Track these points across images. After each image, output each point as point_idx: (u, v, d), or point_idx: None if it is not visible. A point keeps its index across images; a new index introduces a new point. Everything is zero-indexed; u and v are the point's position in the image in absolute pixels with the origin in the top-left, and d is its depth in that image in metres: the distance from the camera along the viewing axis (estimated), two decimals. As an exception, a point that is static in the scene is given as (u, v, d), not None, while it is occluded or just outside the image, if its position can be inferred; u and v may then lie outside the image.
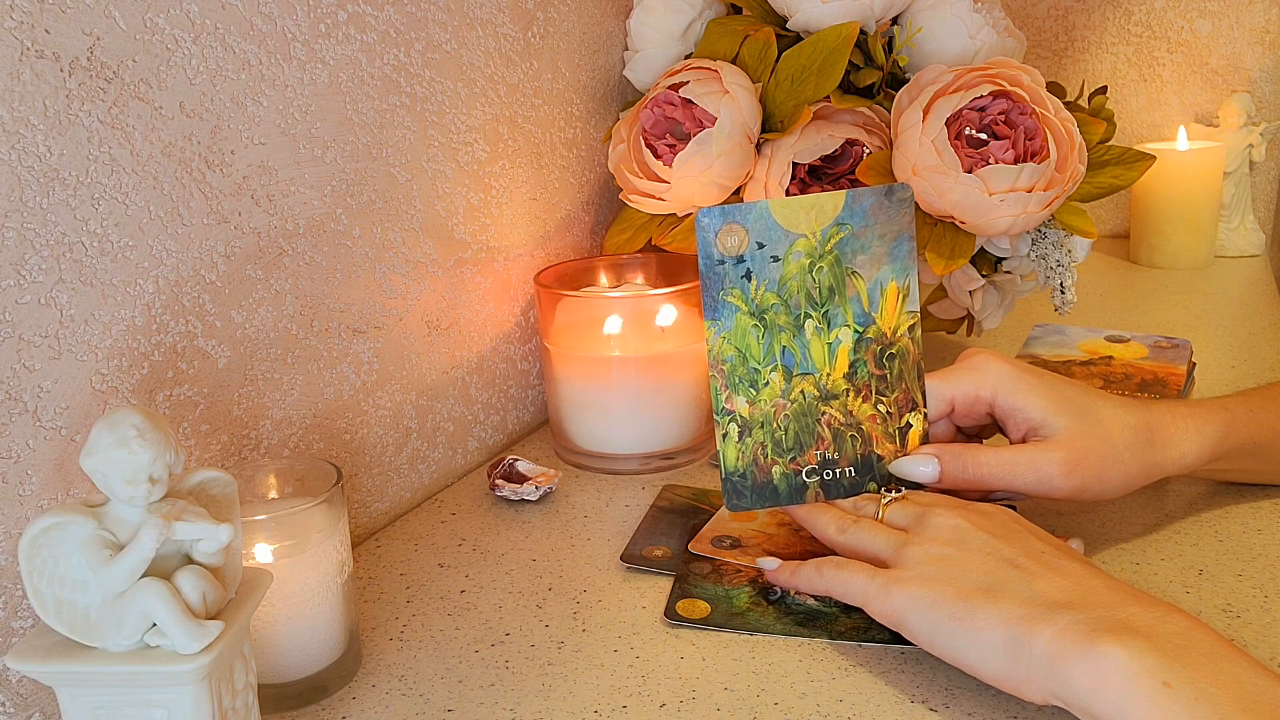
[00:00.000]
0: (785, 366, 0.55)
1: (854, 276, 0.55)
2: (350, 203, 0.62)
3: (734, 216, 0.54)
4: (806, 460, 0.56)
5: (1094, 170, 0.77)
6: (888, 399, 0.56)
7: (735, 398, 0.55)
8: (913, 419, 0.56)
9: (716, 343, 0.55)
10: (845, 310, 0.55)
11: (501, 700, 0.49)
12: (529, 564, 0.61)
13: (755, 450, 0.56)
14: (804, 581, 0.53)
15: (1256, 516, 0.62)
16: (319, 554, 0.48)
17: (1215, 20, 1.26)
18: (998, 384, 0.55)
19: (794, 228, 0.54)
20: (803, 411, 0.55)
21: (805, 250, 0.54)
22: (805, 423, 0.55)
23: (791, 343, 0.55)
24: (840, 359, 0.55)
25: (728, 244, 0.54)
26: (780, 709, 0.47)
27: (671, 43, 0.84)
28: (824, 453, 0.56)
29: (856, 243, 0.55)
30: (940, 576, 0.47)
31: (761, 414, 0.55)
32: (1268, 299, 1.08)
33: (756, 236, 0.54)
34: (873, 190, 0.54)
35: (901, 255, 0.55)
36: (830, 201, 0.54)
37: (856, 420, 0.56)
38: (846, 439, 0.56)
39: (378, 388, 0.66)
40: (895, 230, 0.55)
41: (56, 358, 0.45)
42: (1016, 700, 0.46)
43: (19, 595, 0.44)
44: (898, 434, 0.56)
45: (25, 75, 0.43)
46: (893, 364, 0.56)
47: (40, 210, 0.44)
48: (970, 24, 0.77)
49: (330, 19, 0.59)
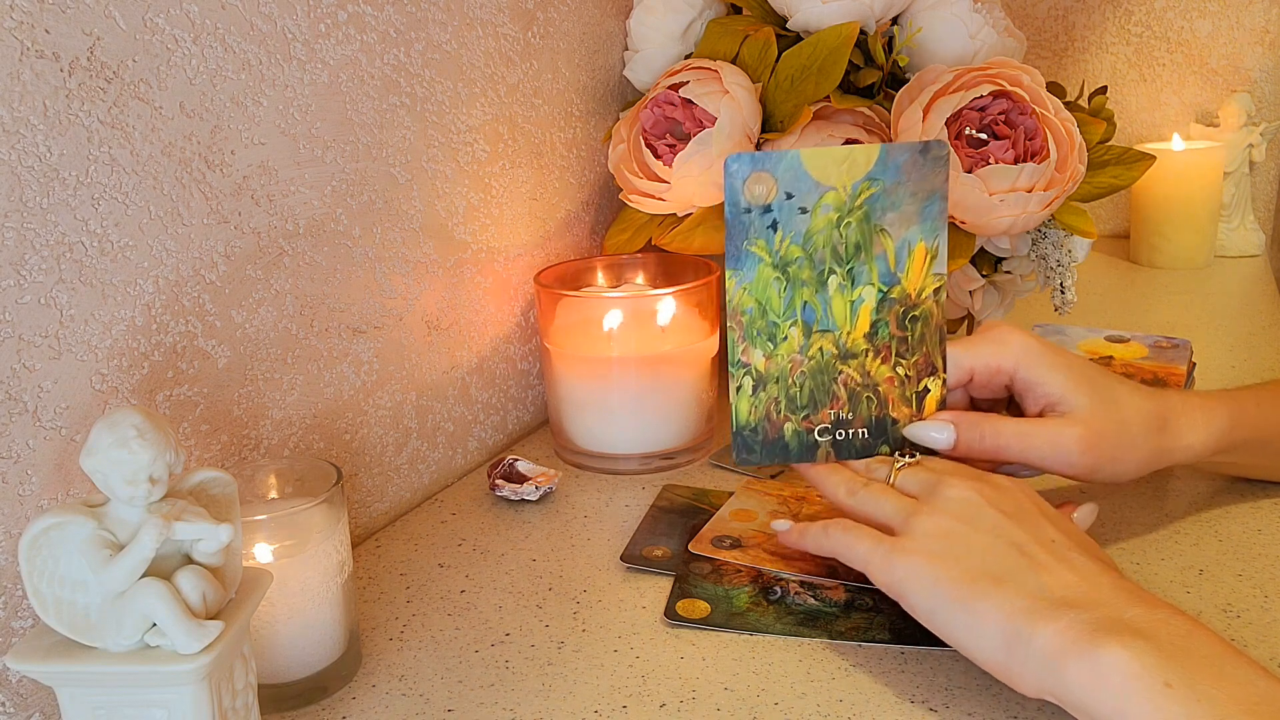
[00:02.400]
0: (805, 322, 0.54)
1: (882, 234, 0.53)
2: (350, 203, 0.62)
3: (763, 164, 0.52)
4: (820, 419, 0.55)
5: (1094, 170, 0.77)
6: (907, 362, 0.55)
7: (752, 350, 0.54)
8: (931, 384, 0.55)
9: (737, 293, 0.54)
10: (871, 268, 0.54)
11: (501, 700, 0.49)
12: (529, 564, 0.61)
13: (769, 405, 0.54)
14: (811, 541, 0.53)
15: (1257, 516, 0.62)
16: (319, 554, 0.48)
17: (1215, 20, 1.26)
18: (1020, 357, 0.55)
19: (825, 179, 0.52)
20: (820, 369, 0.54)
21: (834, 204, 0.53)
22: (821, 380, 0.54)
23: (813, 298, 0.54)
24: (862, 318, 0.54)
25: (755, 192, 0.52)
26: (780, 709, 0.47)
27: (671, 43, 0.84)
28: (838, 412, 0.55)
29: (887, 199, 0.53)
30: (946, 553, 0.46)
31: (777, 369, 0.54)
32: (1268, 299, 1.08)
33: (785, 186, 0.52)
34: (908, 146, 0.52)
35: (932, 215, 0.53)
36: (864, 155, 0.52)
37: (874, 381, 0.54)
38: (862, 400, 0.55)
39: (378, 388, 0.66)
40: (928, 189, 0.53)
41: (56, 358, 0.45)
42: (1017, 700, 0.46)
43: (19, 595, 0.44)
44: (914, 398, 0.55)
45: (25, 75, 0.43)
46: (915, 326, 0.54)
47: (40, 210, 0.44)
48: (970, 24, 0.77)
49: (330, 19, 0.59)
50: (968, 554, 0.46)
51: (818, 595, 0.55)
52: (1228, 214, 1.26)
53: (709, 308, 0.74)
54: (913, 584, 0.47)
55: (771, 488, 0.68)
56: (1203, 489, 0.66)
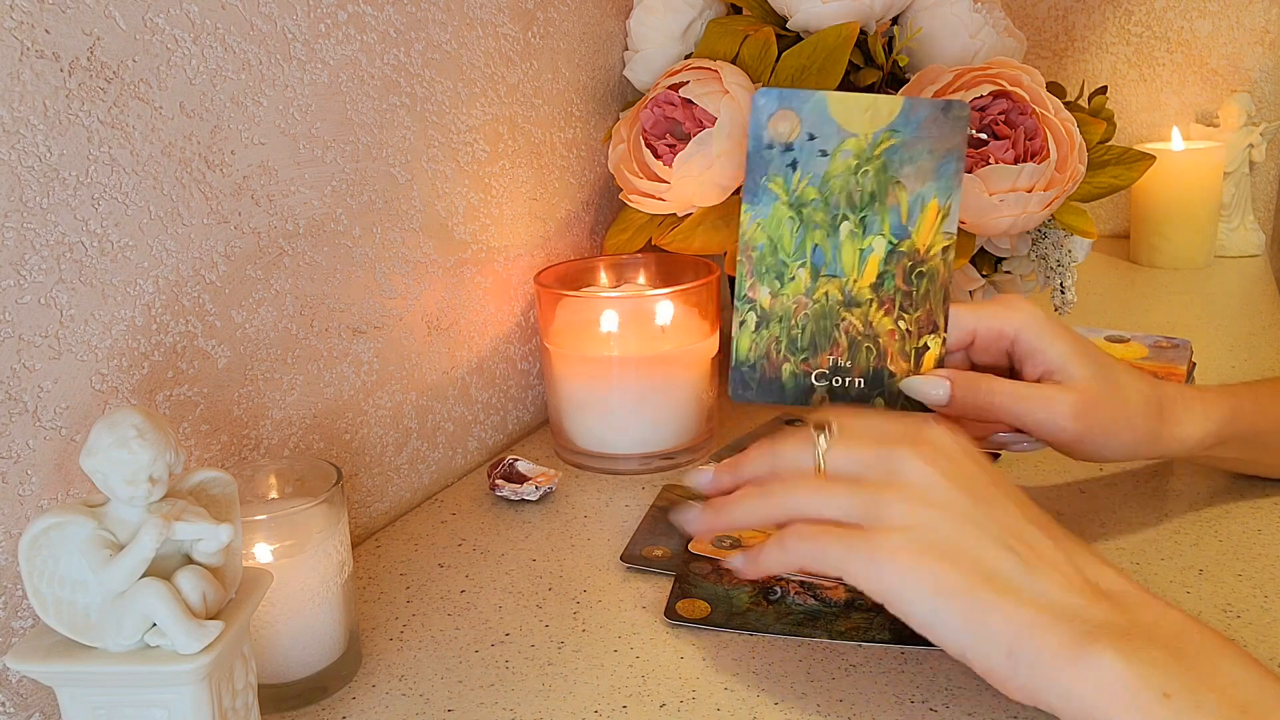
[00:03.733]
0: (814, 264, 0.54)
1: (897, 186, 0.54)
2: (350, 203, 0.62)
3: (790, 102, 0.53)
4: (819, 364, 0.55)
5: (1094, 170, 0.77)
6: (909, 316, 0.55)
7: (759, 286, 0.54)
8: (930, 341, 0.55)
9: (751, 228, 0.54)
10: (883, 219, 0.54)
11: (501, 700, 0.49)
12: (529, 564, 0.61)
13: (769, 344, 0.55)
14: (769, 562, 0.48)
15: (1256, 516, 0.62)
16: (319, 554, 0.48)
17: (1215, 20, 1.26)
18: (1024, 322, 0.54)
19: (848, 125, 0.53)
20: (823, 314, 0.54)
21: (854, 150, 0.53)
22: (823, 325, 0.55)
23: (824, 242, 0.54)
24: (870, 267, 0.54)
25: (779, 129, 0.53)
26: (780, 709, 0.47)
27: (671, 43, 0.84)
28: (837, 359, 0.55)
29: (905, 153, 0.53)
30: (933, 550, 0.44)
31: (782, 308, 0.55)
32: (1268, 299, 1.08)
33: (809, 127, 0.53)
34: (930, 103, 0.53)
35: (948, 174, 0.54)
36: (887, 105, 0.53)
37: (875, 332, 0.55)
38: (862, 349, 0.55)
39: (378, 388, 0.66)
40: (946, 148, 0.53)
41: (56, 358, 0.45)
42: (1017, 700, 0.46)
43: (19, 595, 0.44)
44: (913, 353, 0.55)
45: (25, 75, 0.43)
46: (920, 282, 0.55)
47: (40, 210, 0.44)
48: (970, 24, 0.77)
49: (330, 19, 0.59)
50: (956, 551, 0.44)
51: (818, 595, 0.55)
52: (1228, 214, 1.26)
53: (709, 308, 0.74)
54: (908, 591, 0.44)
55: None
56: (1203, 489, 0.66)
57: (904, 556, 0.44)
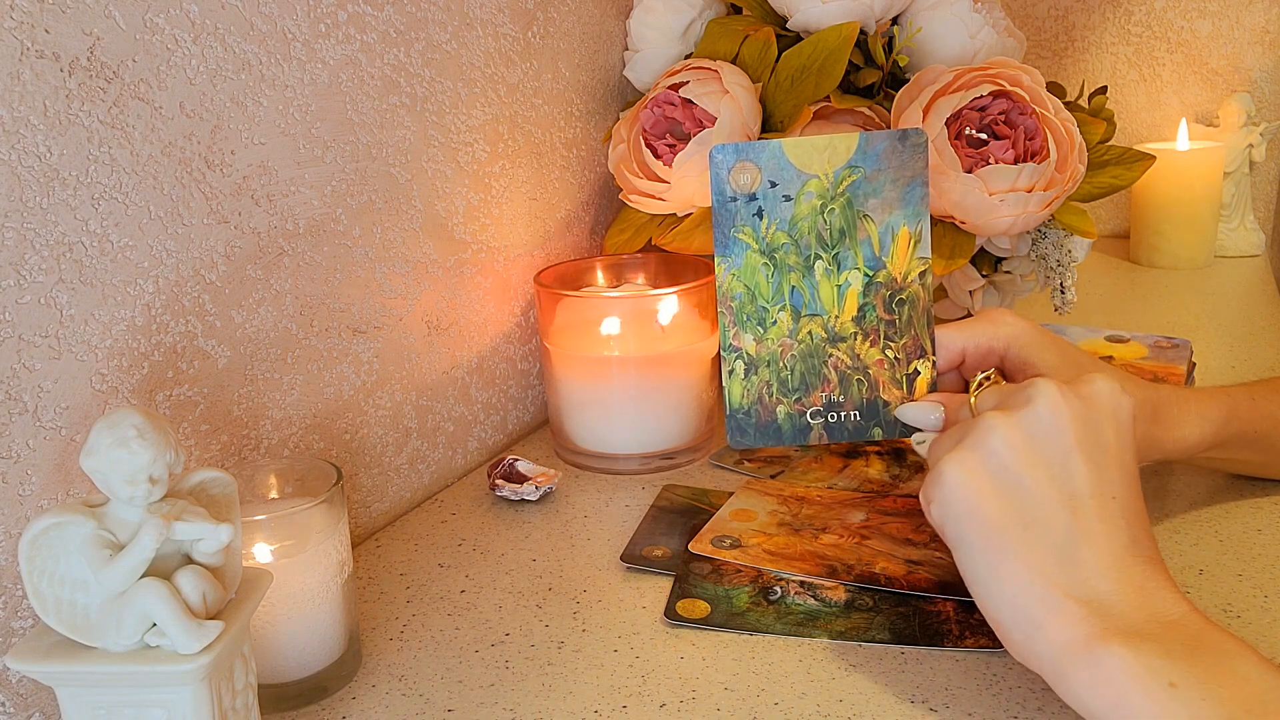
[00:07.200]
0: (794, 306, 0.55)
1: (865, 220, 0.55)
2: (350, 203, 0.62)
3: (747, 154, 0.54)
4: (812, 402, 0.55)
5: (1094, 170, 0.77)
6: (896, 344, 0.55)
7: (743, 335, 0.55)
8: (920, 366, 0.55)
9: (726, 279, 0.55)
10: (856, 253, 0.55)
11: (501, 700, 0.49)
12: (529, 564, 0.61)
13: (760, 388, 0.55)
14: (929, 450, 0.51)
15: (1256, 516, 0.62)
16: (319, 554, 0.48)
17: (1215, 20, 1.26)
18: (1012, 337, 0.55)
19: (807, 168, 0.54)
20: (810, 352, 0.55)
21: (817, 191, 0.54)
22: (812, 364, 0.55)
23: (801, 283, 0.55)
24: (849, 302, 0.55)
25: (740, 181, 0.54)
26: (780, 709, 0.47)
27: (671, 43, 0.84)
28: (830, 395, 0.55)
29: (869, 186, 0.54)
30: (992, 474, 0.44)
31: (768, 353, 0.55)
32: (1268, 299, 1.08)
33: (769, 175, 0.54)
34: (887, 134, 0.54)
35: (914, 201, 0.55)
36: (844, 143, 0.54)
37: (864, 364, 0.55)
38: (853, 383, 0.55)
39: (378, 388, 0.66)
40: (909, 175, 0.54)
41: (56, 358, 0.45)
42: (1017, 700, 0.46)
43: (19, 595, 0.44)
44: (905, 380, 0.55)
45: (25, 75, 0.43)
46: (902, 310, 0.55)
47: (40, 210, 0.44)
48: (970, 24, 0.77)
49: (330, 19, 0.59)
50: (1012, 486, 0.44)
51: (818, 595, 0.55)
52: (1228, 214, 1.26)
53: (709, 308, 0.74)
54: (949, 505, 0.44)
55: (771, 488, 0.68)
56: (1203, 489, 0.66)
57: (964, 472, 0.44)
